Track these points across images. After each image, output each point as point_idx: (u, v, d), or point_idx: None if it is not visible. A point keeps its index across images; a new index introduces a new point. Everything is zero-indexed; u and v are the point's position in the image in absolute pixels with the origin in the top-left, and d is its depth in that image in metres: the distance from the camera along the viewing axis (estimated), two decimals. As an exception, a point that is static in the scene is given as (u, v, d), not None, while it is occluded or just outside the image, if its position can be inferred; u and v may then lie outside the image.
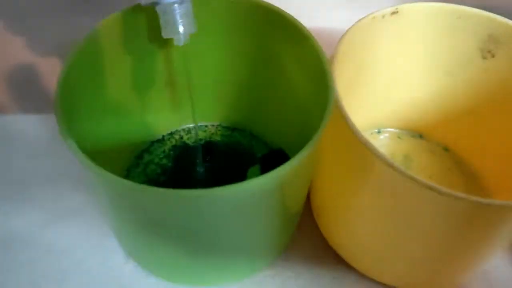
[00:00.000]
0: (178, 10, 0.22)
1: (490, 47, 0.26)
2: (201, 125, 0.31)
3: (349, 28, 0.23)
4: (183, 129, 0.31)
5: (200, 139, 0.30)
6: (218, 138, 0.30)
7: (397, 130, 0.32)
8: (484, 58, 0.26)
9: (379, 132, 0.32)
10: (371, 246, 0.24)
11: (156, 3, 0.22)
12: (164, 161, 0.29)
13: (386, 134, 0.32)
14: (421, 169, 0.30)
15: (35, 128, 0.32)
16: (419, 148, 0.31)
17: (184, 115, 0.29)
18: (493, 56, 0.26)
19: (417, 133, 0.32)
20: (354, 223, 0.24)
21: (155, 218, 0.19)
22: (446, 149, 0.31)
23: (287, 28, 0.23)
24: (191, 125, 0.31)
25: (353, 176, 0.22)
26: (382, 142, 0.31)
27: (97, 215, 0.28)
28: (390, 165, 0.18)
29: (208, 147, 0.30)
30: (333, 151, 0.23)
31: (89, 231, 0.27)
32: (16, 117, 0.33)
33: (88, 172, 0.18)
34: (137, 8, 0.23)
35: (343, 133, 0.20)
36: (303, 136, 0.19)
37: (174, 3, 0.22)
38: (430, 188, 0.18)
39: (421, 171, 0.30)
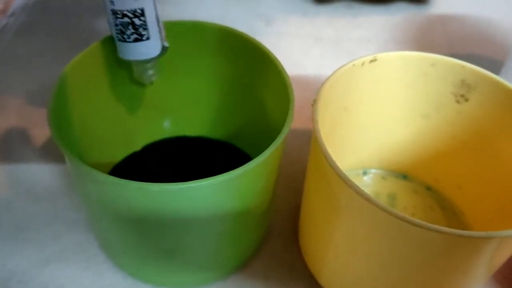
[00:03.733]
0: (149, 66, 0.26)
1: (462, 92, 0.28)
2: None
3: (331, 75, 0.25)
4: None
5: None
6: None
7: (381, 171, 0.33)
8: (458, 102, 0.28)
9: (364, 173, 0.33)
10: (359, 280, 0.25)
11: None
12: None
13: (371, 175, 0.33)
14: (404, 207, 0.31)
15: (37, 175, 0.33)
16: (402, 188, 0.33)
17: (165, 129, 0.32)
18: (466, 100, 0.28)
19: (400, 173, 0.33)
20: (342, 260, 0.25)
21: (123, 210, 0.22)
22: (428, 188, 0.33)
23: (257, 54, 0.27)
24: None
25: (334, 212, 0.23)
26: (366, 183, 0.33)
27: (93, 254, 0.29)
28: (368, 199, 0.20)
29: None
30: (315, 189, 0.24)
31: (86, 268, 0.28)
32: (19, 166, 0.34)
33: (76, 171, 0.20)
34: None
35: (323, 170, 0.22)
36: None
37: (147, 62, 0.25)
38: (410, 222, 0.19)
39: (404, 209, 0.31)
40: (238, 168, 0.20)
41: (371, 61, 0.27)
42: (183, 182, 0.19)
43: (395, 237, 0.21)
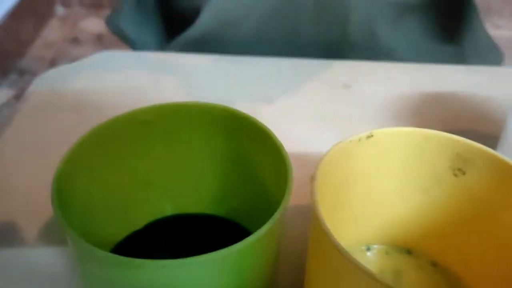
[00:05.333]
0: None
1: (459, 165, 0.28)
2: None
3: (328, 151, 0.26)
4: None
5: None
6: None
7: (384, 246, 0.33)
8: (456, 175, 0.29)
9: (368, 249, 0.33)
10: None
11: None
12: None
13: (374, 251, 0.33)
14: (410, 284, 0.31)
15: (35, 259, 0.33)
16: (407, 264, 0.32)
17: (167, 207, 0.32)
18: (463, 173, 0.28)
19: (404, 248, 0.33)
20: None
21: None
22: (434, 264, 0.32)
23: (257, 133, 0.28)
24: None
25: (335, 285, 0.22)
26: (370, 259, 0.32)
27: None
28: (373, 277, 0.20)
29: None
30: (317, 266, 0.24)
31: None
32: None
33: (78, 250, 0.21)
34: (120, 119, 0.27)
35: (325, 247, 0.22)
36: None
37: None
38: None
39: (411, 287, 0.31)
40: (237, 244, 0.20)
41: (368, 137, 0.28)
42: (173, 259, 0.19)
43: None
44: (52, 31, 1.76)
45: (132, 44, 0.63)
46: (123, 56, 0.54)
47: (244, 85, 0.50)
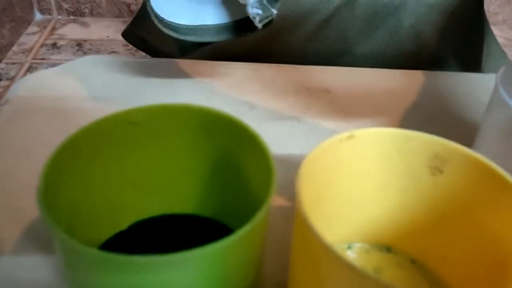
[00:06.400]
0: None
1: (437, 164, 0.29)
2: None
3: (311, 152, 0.27)
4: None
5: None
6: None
7: (366, 245, 0.34)
8: (433, 174, 0.30)
9: (349, 247, 0.34)
10: None
11: None
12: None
13: (355, 249, 0.34)
14: (389, 281, 0.31)
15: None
16: (387, 261, 0.33)
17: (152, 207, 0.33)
18: (441, 172, 0.29)
19: (385, 246, 0.34)
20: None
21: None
22: (413, 261, 0.33)
23: (241, 133, 0.28)
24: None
25: (319, 284, 0.23)
26: (351, 257, 0.33)
27: None
28: (352, 267, 0.20)
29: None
30: (300, 261, 0.25)
31: None
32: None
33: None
34: (108, 120, 0.28)
35: (307, 241, 0.22)
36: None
37: None
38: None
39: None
40: (219, 240, 0.21)
41: (348, 137, 0.29)
42: (156, 256, 0.20)
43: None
44: (31, 37, 1.74)
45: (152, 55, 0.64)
46: (105, 61, 0.54)
47: (227, 89, 0.51)
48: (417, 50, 0.60)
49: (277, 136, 0.45)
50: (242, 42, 0.55)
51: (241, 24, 0.49)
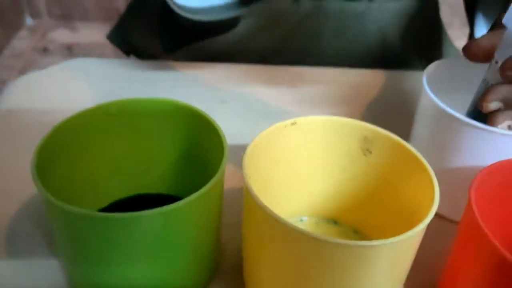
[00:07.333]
0: None
1: (367, 146, 0.35)
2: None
3: (257, 136, 0.32)
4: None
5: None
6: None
7: (315, 218, 0.39)
8: (365, 155, 0.35)
9: (301, 220, 0.39)
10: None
11: None
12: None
13: (305, 222, 0.39)
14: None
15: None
16: (333, 232, 0.39)
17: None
18: (370, 153, 0.35)
19: (331, 219, 0.39)
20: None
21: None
22: (355, 232, 0.39)
23: (203, 123, 0.34)
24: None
25: (263, 242, 0.29)
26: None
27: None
28: (281, 220, 0.26)
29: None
30: (249, 228, 0.30)
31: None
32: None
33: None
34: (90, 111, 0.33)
35: (252, 208, 0.28)
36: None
37: None
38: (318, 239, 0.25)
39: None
40: (180, 201, 0.26)
41: (292, 123, 0.34)
42: (128, 212, 0.25)
43: (306, 252, 0.27)
44: (22, 41, 1.78)
45: (136, 55, 0.70)
46: (93, 63, 0.59)
47: (203, 86, 0.56)
48: (383, 51, 0.66)
49: (245, 128, 0.50)
50: (220, 43, 0.61)
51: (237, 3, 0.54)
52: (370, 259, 0.27)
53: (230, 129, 0.35)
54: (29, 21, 1.86)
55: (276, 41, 0.63)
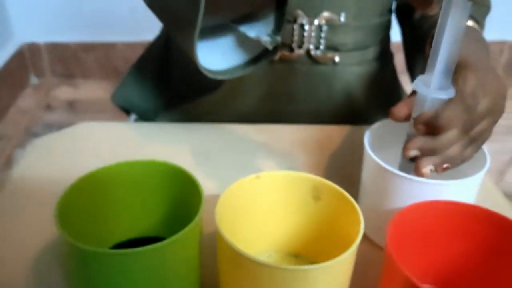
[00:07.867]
0: None
1: (317, 193, 0.44)
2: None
3: (227, 189, 0.41)
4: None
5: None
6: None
7: (281, 253, 0.48)
8: (315, 200, 0.44)
9: (270, 256, 0.48)
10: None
11: None
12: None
13: (273, 257, 0.48)
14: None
15: None
16: (294, 264, 0.47)
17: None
18: (319, 199, 0.44)
19: (294, 254, 0.48)
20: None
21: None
22: (312, 263, 0.47)
23: (185, 179, 0.43)
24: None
25: (231, 271, 0.38)
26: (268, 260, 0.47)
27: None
28: (242, 253, 0.35)
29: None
30: (222, 263, 0.39)
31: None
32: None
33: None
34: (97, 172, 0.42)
35: (223, 247, 0.37)
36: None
37: None
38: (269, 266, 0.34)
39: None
40: (163, 241, 0.35)
41: (256, 177, 0.44)
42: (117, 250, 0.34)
43: (262, 277, 0.36)
44: (27, 99, 1.90)
45: (137, 113, 0.81)
46: (97, 126, 0.69)
47: (189, 145, 0.66)
48: (349, 108, 0.76)
49: (226, 181, 0.60)
50: (206, 103, 0.72)
51: (257, 57, 0.64)
52: (311, 281, 0.35)
53: (211, 181, 0.44)
54: (34, 80, 1.99)
55: (255, 101, 0.74)
